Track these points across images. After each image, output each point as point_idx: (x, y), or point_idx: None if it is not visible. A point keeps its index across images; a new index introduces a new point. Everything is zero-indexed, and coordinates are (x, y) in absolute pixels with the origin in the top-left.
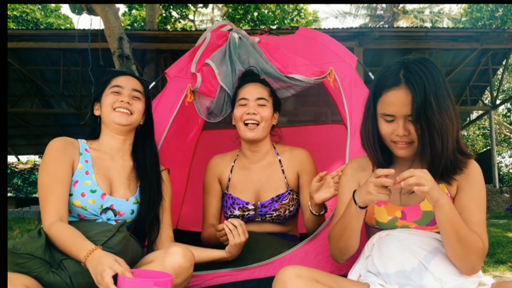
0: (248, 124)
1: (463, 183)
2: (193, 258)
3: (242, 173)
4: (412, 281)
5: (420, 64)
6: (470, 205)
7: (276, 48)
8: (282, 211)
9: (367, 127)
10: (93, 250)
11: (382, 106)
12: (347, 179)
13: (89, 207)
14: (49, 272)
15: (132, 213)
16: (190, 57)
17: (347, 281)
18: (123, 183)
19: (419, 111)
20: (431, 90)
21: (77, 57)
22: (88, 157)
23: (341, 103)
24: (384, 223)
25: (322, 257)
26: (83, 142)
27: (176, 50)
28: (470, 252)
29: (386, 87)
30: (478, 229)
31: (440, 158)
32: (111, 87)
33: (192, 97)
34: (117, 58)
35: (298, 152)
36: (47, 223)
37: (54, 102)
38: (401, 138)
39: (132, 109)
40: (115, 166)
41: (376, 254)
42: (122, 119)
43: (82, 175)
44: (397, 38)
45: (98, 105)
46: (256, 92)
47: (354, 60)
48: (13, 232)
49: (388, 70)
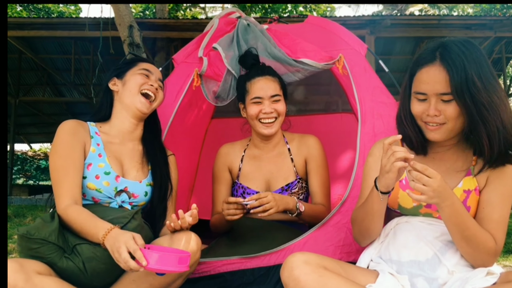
0: (265, 122)
1: (493, 177)
2: (200, 242)
3: (252, 163)
4: (425, 272)
5: (460, 44)
6: (495, 201)
7: (285, 34)
8: None
9: (404, 107)
10: (111, 229)
11: (416, 84)
12: (374, 160)
13: (103, 189)
14: (62, 257)
15: (146, 195)
16: (197, 43)
17: (355, 268)
18: (134, 166)
19: (462, 89)
20: (473, 69)
21: (88, 46)
22: (99, 140)
23: (351, 91)
24: (408, 209)
25: (331, 244)
26: (92, 125)
27: (187, 38)
28: (478, 251)
29: (420, 64)
30: (495, 227)
31: (499, 135)
32: (140, 69)
33: (199, 81)
34: (127, 46)
35: (307, 138)
36: (62, 206)
37: (65, 91)
38: (432, 118)
39: (157, 96)
40: (125, 150)
41: (391, 241)
42: (145, 107)
43: (95, 158)
44: (409, 26)
45: (117, 81)
46: (269, 89)
47: (364, 48)
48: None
49: (426, 49)
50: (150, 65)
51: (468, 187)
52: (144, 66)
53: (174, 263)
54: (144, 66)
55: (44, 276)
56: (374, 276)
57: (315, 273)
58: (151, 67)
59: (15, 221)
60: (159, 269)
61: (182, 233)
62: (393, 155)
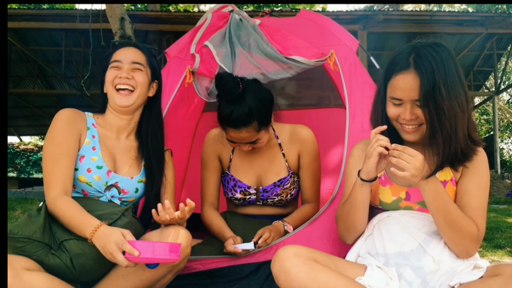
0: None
1: (468, 168)
2: (190, 238)
3: (244, 156)
4: (411, 262)
5: (431, 49)
6: (472, 190)
7: (277, 30)
8: (284, 196)
9: (377, 109)
10: (99, 227)
11: (391, 89)
12: (354, 160)
13: (94, 183)
14: (48, 254)
15: (136, 192)
16: (190, 37)
17: (344, 262)
18: (126, 162)
19: (428, 96)
20: (441, 76)
21: (79, 38)
22: (95, 133)
23: (342, 86)
24: (388, 204)
25: (321, 241)
26: (90, 115)
27: (179, 31)
28: (461, 236)
29: (395, 70)
30: (475, 214)
31: (450, 143)
32: (111, 62)
33: (192, 78)
34: (118, 38)
35: (299, 130)
36: (52, 196)
37: (56, 83)
38: (408, 122)
39: (133, 83)
40: (120, 145)
41: (376, 235)
42: (123, 100)
43: (89, 150)
44: (401, 21)
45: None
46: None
47: (356, 43)
48: (15, 212)
49: (400, 53)
50: (121, 50)
51: (444, 178)
52: (114, 57)
53: (165, 252)
54: (115, 56)
55: (33, 272)
56: (362, 269)
57: (305, 265)
58: (121, 54)
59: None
60: (151, 258)
61: (171, 228)
62: (376, 142)
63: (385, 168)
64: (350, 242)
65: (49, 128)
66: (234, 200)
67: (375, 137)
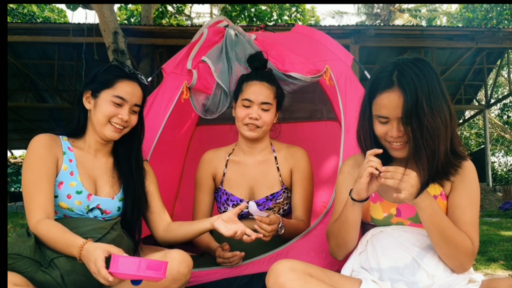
0: (248, 124)
1: (457, 182)
2: (191, 264)
3: (236, 169)
4: (405, 277)
5: (413, 66)
6: (463, 204)
7: (272, 45)
8: (276, 210)
9: (363, 128)
10: (84, 244)
11: (376, 108)
12: (344, 177)
13: (75, 208)
14: (38, 271)
15: (118, 210)
16: (186, 53)
17: (339, 276)
18: (107, 181)
19: (411, 113)
20: (423, 92)
21: (72, 51)
22: (72, 156)
23: (336, 100)
24: (379, 220)
25: (315, 254)
26: (64, 139)
27: (172, 45)
28: (456, 251)
29: (379, 89)
30: (469, 229)
31: (434, 159)
32: (114, 96)
33: (188, 94)
34: (112, 52)
35: (294, 150)
36: (33, 221)
37: (48, 97)
38: (395, 139)
39: (127, 125)
40: (98, 164)
41: (370, 250)
42: (115, 134)
43: (67, 176)
44: (393, 36)
45: (91, 98)
46: (261, 95)
47: (350, 58)
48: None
49: (382, 71)
50: (128, 86)
51: (434, 193)
52: (120, 92)
53: (142, 268)
54: (120, 91)
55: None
56: (357, 283)
57: (300, 280)
58: (127, 91)
59: None
60: (135, 274)
61: (175, 252)
62: (367, 163)
63: (376, 189)
64: (341, 259)
65: (26, 155)
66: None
67: (367, 158)
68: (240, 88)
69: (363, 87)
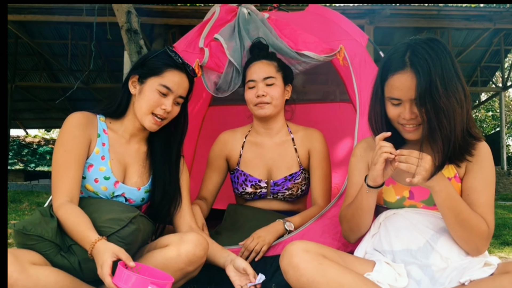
0: (257, 104)
1: (472, 164)
2: (207, 247)
3: (254, 150)
4: (418, 260)
5: (426, 46)
6: (478, 187)
7: (286, 24)
8: (294, 190)
9: (375, 110)
10: (96, 242)
11: (388, 89)
12: (356, 160)
13: (100, 193)
14: (57, 254)
15: (142, 201)
16: (198, 31)
17: (353, 258)
18: (137, 170)
19: (425, 95)
20: (437, 73)
21: (85, 31)
22: (106, 140)
23: (350, 82)
24: (392, 203)
25: (329, 235)
26: (102, 120)
27: (185, 25)
28: (472, 235)
29: (392, 70)
30: (484, 211)
31: (449, 141)
32: (161, 85)
33: (200, 72)
34: (125, 32)
35: (311, 131)
36: (57, 203)
37: (62, 76)
38: (408, 121)
39: (168, 116)
40: (130, 151)
41: (382, 232)
42: (154, 126)
43: (97, 160)
44: (408, 16)
45: (137, 83)
46: (262, 72)
47: (365, 38)
48: (22, 205)
49: (395, 52)
50: (176, 76)
51: (447, 175)
52: (167, 81)
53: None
54: (167, 80)
55: (40, 266)
56: (371, 265)
57: (314, 261)
58: (175, 81)
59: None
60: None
61: (192, 234)
62: (380, 149)
63: (391, 174)
64: (354, 242)
65: (60, 132)
66: (245, 195)
67: (378, 144)
68: (244, 75)
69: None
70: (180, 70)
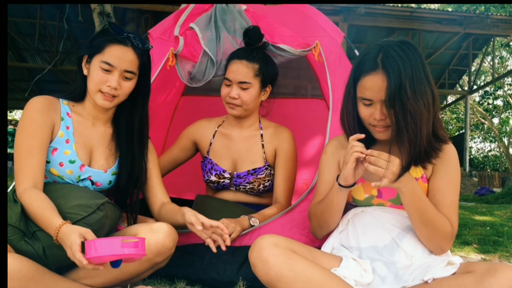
0: (229, 103)
1: (438, 166)
2: (176, 237)
3: (223, 140)
4: (384, 257)
5: (398, 49)
6: (443, 188)
7: (263, 17)
8: (256, 185)
9: (347, 109)
10: (60, 227)
11: (360, 90)
12: (327, 157)
13: (66, 177)
14: (21, 241)
15: (109, 184)
16: (174, 19)
17: (321, 253)
18: (103, 153)
19: (394, 96)
20: (407, 76)
21: (54, 11)
22: (70, 123)
23: (324, 78)
24: (361, 201)
25: (297, 230)
26: (64, 103)
27: (158, 11)
28: (436, 234)
29: (364, 71)
30: (449, 211)
31: (415, 143)
32: (102, 62)
33: (174, 61)
34: (97, 15)
35: (281, 130)
36: (20, 189)
37: (28, 56)
38: (379, 121)
39: (119, 92)
40: (96, 133)
41: (350, 229)
42: (106, 103)
43: (62, 143)
44: (382, 16)
45: (87, 65)
46: (239, 75)
47: (341, 35)
48: None
49: (368, 53)
50: (117, 50)
51: (415, 175)
52: (108, 57)
53: (117, 247)
54: (108, 56)
55: None
56: (338, 261)
57: (283, 255)
58: (116, 55)
59: None
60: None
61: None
62: (351, 148)
63: (362, 174)
64: (321, 238)
65: (21, 117)
66: (209, 183)
67: (350, 144)
68: (226, 67)
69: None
70: (123, 44)
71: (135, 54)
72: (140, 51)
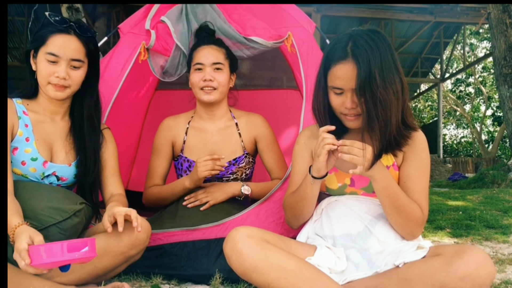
0: (203, 88)
1: (408, 153)
2: (150, 230)
3: (197, 135)
4: (357, 244)
5: (367, 37)
6: (414, 174)
7: (234, 9)
8: (239, 174)
9: (318, 99)
10: (17, 227)
11: (331, 79)
12: (300, 147)
13: (30, 175)
14: None
15: (75, 177)
16: (145, 12)
17: (295, 243)
18: (63, 147)
19: (364, 85)
20: (376, 64)
21: (23, 7)
22: (28, 121)
23: (298, 68)
24: (334, 190)
25: (273, 220)
26: (19, 102)
27: (129, 5)
28: (407, 221)
29: (334, 60)
30: (419, 198)
31: (385, 131)
32: (47, 54)
33: (146, 55)
34: (65, 9)
35: (254, 117)
36: None
37: None
38: (350, 110)
39: (69, 82)
40: (56, 128)
41: (324, 218)
42: (58, 94)
43: (22, 142)
44: (354, 6)
45: (35, 60)
46: (212, 56)
47: (312, 26)
48: None
49: (338, 42)
50: (60, 40)
51: (386, 163)
52: (51, 48)
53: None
54: (52, 47)
55: None
56: (312, 250)
57: (258, 246)
58: (60, 45)
59: None
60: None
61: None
62: (322, 141)
63: (334, 164)
64: (296, 228)
65: None
66: None
67: (321, 136)
68: (191, 57)
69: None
70: (65, 33)
71: (80, 42)
72: (85, 39)
